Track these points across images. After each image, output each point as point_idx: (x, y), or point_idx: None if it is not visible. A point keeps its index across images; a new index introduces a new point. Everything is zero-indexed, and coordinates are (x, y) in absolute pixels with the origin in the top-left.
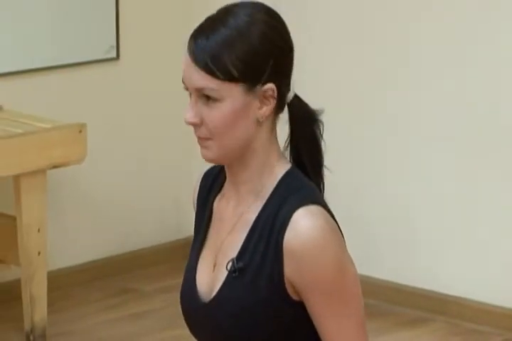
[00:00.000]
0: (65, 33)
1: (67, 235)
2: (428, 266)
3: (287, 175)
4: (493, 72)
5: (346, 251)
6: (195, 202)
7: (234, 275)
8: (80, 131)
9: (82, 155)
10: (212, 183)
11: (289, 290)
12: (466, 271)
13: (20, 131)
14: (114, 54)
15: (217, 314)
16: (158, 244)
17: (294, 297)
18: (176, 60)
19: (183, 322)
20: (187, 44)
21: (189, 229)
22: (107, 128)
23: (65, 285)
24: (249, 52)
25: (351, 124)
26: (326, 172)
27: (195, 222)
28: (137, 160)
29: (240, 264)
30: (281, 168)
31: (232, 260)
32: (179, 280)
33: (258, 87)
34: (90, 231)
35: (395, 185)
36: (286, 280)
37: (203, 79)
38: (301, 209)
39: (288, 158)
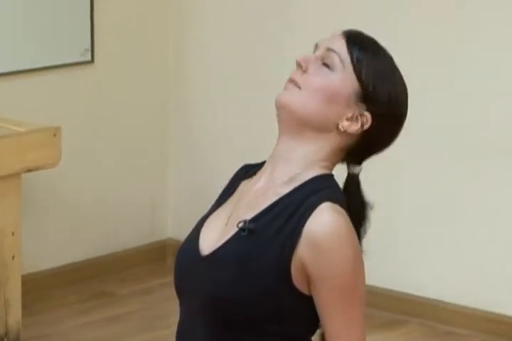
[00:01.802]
0: (39, 36)
1: (43, 238)
2: (402, 268)
3: (325, 176)
4: (483, 73)
5: (362, 254)
6: (227, 184)
7: (242, 234)
8: (55, 135)
9: (57, 158)
10: (247, 172)
11: (293, 275)
12: (440, 273)
13: None
14: (88, 57)
15: (214, 267)
16: (134, 246)
17: (297, 284)
18: (151, 63)
19: (160, 324)
20: (341, 34)
21: (165, 232)
22: (82, 131)
23: (42, 288)
24: (385, 83)
25: None
26: None
27: (217, 199)
28: (113, 163)
29: (252, 225)
30: (323, 169)
31: (245, 220)
32: (155, 283)
33: (362, 106)
34: (66, 235)
35: (373, 185)
36: (293, 263)
37: (341, 47)
38: (329, 203)
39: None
